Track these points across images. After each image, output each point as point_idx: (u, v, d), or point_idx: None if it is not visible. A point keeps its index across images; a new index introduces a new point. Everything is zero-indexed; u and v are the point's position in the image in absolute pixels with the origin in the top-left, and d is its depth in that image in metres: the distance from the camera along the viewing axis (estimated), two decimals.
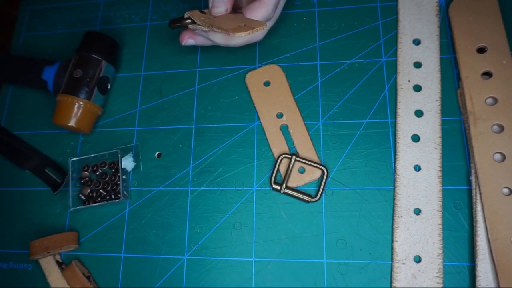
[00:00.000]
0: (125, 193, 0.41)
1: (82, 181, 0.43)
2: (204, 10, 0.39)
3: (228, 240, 0.39)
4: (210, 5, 0.38)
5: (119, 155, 0.42)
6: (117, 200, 0.41)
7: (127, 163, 0.42)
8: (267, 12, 0.38)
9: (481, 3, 0.41)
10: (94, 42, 0.44)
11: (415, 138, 0.39)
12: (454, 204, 0.37)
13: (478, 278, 0.34)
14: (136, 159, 0.43)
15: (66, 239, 0.40)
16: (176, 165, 0.42)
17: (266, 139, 0.41)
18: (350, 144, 0.40)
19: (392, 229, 0.37)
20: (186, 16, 0.39)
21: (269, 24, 0.41)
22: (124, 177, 0.42)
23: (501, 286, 0.33)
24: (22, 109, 0.48)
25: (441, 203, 0.37)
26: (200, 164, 0.42)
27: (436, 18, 0.42)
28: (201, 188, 0.41)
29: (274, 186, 0.39)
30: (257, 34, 0.40)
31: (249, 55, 0.45)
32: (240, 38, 0.38)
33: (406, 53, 0.42)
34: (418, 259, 0.36)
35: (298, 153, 0.40)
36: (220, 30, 0.36)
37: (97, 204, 0.41)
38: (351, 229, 0.38)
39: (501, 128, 0.37)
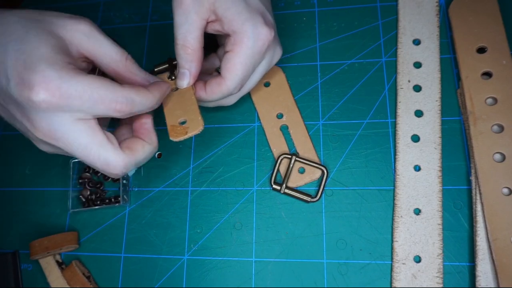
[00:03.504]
0: (125, 197, 0.41)
1: (80, 181, 0.43)
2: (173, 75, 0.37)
3: (228, 240, 0.39)
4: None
5: None
6: (117, 204, 0.41)
7: None
8: (227, 91, 0.35)
9: (481, 3, 0.41)
10: None
11: (415, 138, 0.39)
12: (454, 204, 0.37)
13: (478, 278, 0.34)
14: None
15: (66, 239, 0.40)
16: (176, 165, 0.42)
17: (266, 139, 0.41)
18: (350, 144, 0.40)
19: (392, 229, 0.37)
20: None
21: (237, 95, 0.38)
22: (124, 181, 0.42)
23: (501, 286, 0.33)
24: None
25: (441, 203, 0.37)
26: (200, 164, 0.42)
27: (436, 18, 0.42)
28: (201, 188, 0.41)
29: (274, 186, 0.39)
30: (228, 100, 0.38)
31: None
32: (206, 104, 0.38)
33: (406, 53, 0.42)
34: (418, 259, 0.36)
35: (298, 153, 0.40)
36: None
37: (96, 207, 0.41)
38: (351, 229, 0.38)
39: (501, 128, 0.37)
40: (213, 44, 0.40)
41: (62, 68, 0.28)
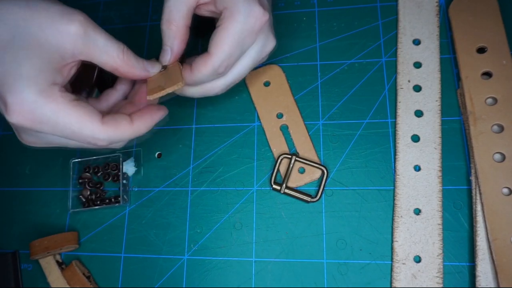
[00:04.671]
0: (125, 197, 0.41)
1: (80, 181, 0.43)
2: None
3: (228, 240, 0.39)
4: None
5: (121, 160, 0.42)
6: (117, 204, 0.41)
7: (128, 167, 0.42)
8: (212, 68, 0.32)
9: (481, 3, 0.41)
10: None
11: (415, 138, 0.39)
12: (454, 204, 0.37)
13: (478, 278, 0.34)
14: (137, 164, 0.43)
15: (66, 239, 0.40)
16: (176, 165, 0.42)
17: (266, 139, 0.41)
18: (350, 144, 0.40)
19: (392, 229, 0.37)
20: None
21: (225, 81, 0.35)
22: (124, 181, 0.42)
23: (501, 286, 0.33)
24: None
25: (441, 203, 0.37)
26: (200, 164, 0.42)
27: (436, 18, 0.42)
28: (201, 188, 0.41)
29: (274, 186, 0.39)
30: (215, 86, 0.35)
31: None
32: (191, 90, 0.35)
33: (406, 53, 0.42)
34: (418, 259, 0.36)
35: (298, 153, 0.40)
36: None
37: (96, 207, 0.41)
38: (351, 229, 0.38)
39: (501, 128, 0.37)
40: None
41: (40, 92, 0.26)
